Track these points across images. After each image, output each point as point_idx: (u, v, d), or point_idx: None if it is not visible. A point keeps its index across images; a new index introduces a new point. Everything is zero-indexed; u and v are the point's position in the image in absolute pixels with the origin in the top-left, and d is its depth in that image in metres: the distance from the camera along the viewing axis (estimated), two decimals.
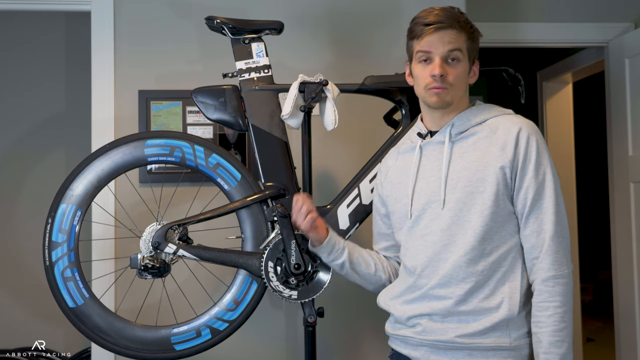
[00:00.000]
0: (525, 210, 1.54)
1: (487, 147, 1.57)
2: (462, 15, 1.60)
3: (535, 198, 1.53)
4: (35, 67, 3.60)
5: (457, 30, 1.57)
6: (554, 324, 1.49)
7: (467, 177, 1.56)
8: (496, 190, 1.53)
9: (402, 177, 1.68)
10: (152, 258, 1.90)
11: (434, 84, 1.57)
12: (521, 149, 1.54)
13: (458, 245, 1.54)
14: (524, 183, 1.54)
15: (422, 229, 1.61)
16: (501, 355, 1.53)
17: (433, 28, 1.56)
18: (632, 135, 3.16)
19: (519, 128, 1.56)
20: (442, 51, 1.56)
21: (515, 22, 3.22)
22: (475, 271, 1.53)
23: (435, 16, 1.57)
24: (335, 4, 2.60)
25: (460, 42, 1.57)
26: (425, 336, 1.58)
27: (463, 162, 1.58)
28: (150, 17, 2.54)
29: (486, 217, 1.53)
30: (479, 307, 1.53)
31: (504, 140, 1.56)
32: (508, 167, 1.54)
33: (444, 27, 1.56)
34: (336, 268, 1.81)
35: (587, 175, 5.85)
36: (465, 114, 1.63)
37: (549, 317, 1.49)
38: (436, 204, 1.58)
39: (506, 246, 1.55)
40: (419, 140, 1.67)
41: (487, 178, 1.54)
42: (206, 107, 2.00)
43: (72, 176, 1.96)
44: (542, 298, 1.51)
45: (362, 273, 1.79)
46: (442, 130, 1.63)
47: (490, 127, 1.59)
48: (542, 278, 1.51)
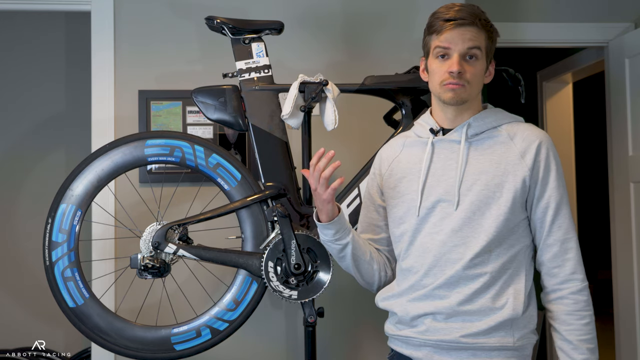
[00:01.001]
0: (547, 219, 1.56)
1: (504, 153, 1.57)
2: (483, 14, 1.59)
3: (558, 208, 1.56)
4: (35, 67, 3.60)
5: (477, 28, 1.55)
6: (590, 332, 1.55)
7: (484, 180, 1.55)
8: (513, 197, 1.54)
9: (407, 172, 1.66)
10: (152, 258, 1.90)
11: (450, 80, 1.55)
12: (542, 160, 1.56)
13: (469, 247, 1.54)
14: (546, 193, 1.56)
15: (431, 227, 1.59)
16: (505, 355, 1.54)
17: (454, 24, 1.54)
18: (632, 135, 3.16)
19: (539, 139, 1.58)
20: (462, 48, 1.54)
21: (515, 22, 3.21)
22: (484, 272, 1.53)
23: (457, 12, 1.55)
24: (335, 4, 2.60)
25: (480, 40, 1.56)
26: (428, 336, 1.57)
27: (479, 165, 1.57)
28: (150, 17, 2.54)
29: (500, 222, 1.53)
30: (484, 307, 1.53)
31: (523, 148, 1.56)
32: (528, 176, 1.55)
33: (465, 24, 1.54)
34: (336, 249, 1.69)
35: (587, 175, 5.85)
36: (481, 116, 1.62)
37: (586, 325, 1.55)
38: (447, 204, 1.57)
39: (514, 249, 1.56)
40: (430, 135, 1.64)
41: (505, 185, 1.54)
42: (206, 107, 2.00)
43: (72, 176, 1.96)
44: (579, 307, 1.55)
45: (360, 259, 1.70)
46: (457, 128, 1.61)
47: (507, 133, 1.59)
48: (579, 288, 1.56)
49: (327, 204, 1.61)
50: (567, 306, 1.55)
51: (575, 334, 1.54)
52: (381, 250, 1.78)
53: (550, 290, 1.58)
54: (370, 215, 1.78)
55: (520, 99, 2.01)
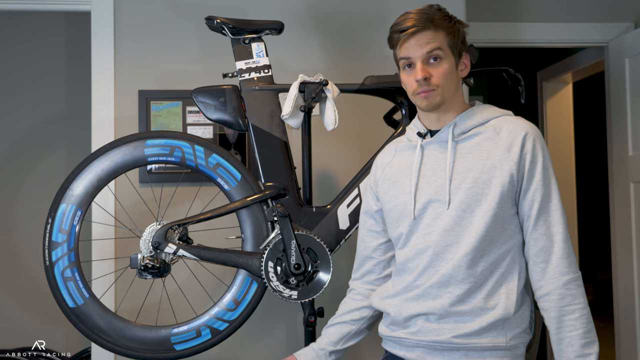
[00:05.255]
0: (533, 213, 1.54)
1: (491, 148, 1.56)
2: (439, 12, 1.59)
3: (544, 201, 1.54)
4: (35, 67, 3.60)
5: (432, 30, 1.56)
6: (583, 325, 1.50)
7: (471, 178, 1.55)
8: (501, 192, 1.53)
9: (400, 176, 1.67)
10: (152, 258, 1.90)
11: (419, 89, 1.57)
12: (528, 152, 1.54)
13: (460, 245, 1.54)
14: (532, 186, 1.54)
15: (424, 228, 1.59)
16: (497, 355, 1.53)
17: (408, 33, 1.56)
18: (632, 135, 3.16)
19: (524, 131, 1.56)
20: (421, 54, 1.55)
21: (515, 22, 3.22)
22: (475, 272, 1.53)
23: (410, 20, 1.57)
24: (335, 3, 2.60)
25: (438, 40, 1.56)
26: (421, 337, 1.57)
27: (466, 163, 1.57)
28: (150, 17, 2.54)
29: (489, 218, 1.53)
30: (476, 307, 1.53)
31: (509, 142, 1.55)
32: (515, 169, 1.54)
33: (419, 30, 1.55)
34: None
35: (587, 175, 5.86)
36: (466, 114, 1.62)
37: (576, 319, 1.50)
38: (438, 204, 1.58)
39: (505, 247, 1.55)
40: (419, 139, 1.65)
41: (493, 180, 1.54)
42: (206, 107, 2.00)
43: (72, 176, 1.96)
44: (566, 302, 1.51)
45: (354, 340, 1.78)
46: (443, 129, 1.62)
47: (493, 128, 1.59)
48: (562, 282, 1.51)
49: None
50: (554, 302, 1.52)
51: (566, 330, 1.51)
52: (373, 271, 1.77)
53: (537, 287, 1.55)
54: (368, 223, 1.77)
55: (520, 99, 2.01)
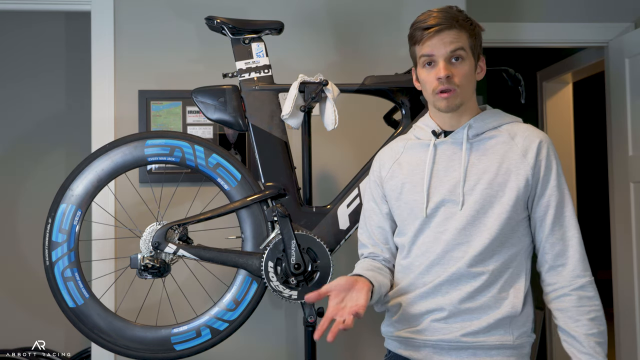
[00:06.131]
0: (548, 218, 1.57)
1: (506, 152, 1.58)
2: (461, 14, 1.60)
3: (559, 206, 1.57)
4: (35, 67, 3.60)
5: (457, 29, 1.56)
6: (597, 326, 1.53)
7: (486, 179, 1.56)
8: (516, 195, 1.55)
9: (410, 174, 1.66)
10: (152, 258, 1.90)
11: (441, 87, 1.56)
12: (543, 158, 1.57)
13: (472, 245, 1.55)
14: (547, 191, 1.57)
15: (435, 227, 1.60)
16: (504, 354, 1.54)
17: (433, 31, 1.56)
18: (632, 135, 3.16)
19: (539, 138, 1.60)
20: (445, 52, 1.55)
21: (515, 22, 3.21)
22: (486, 271, 1.54)
23: (434, 19, 1.57)
24: (335, 3, 2.60)
25: (462, 40, 1.57)
26: (428, 336, 1.57)
27: (481, 165, 1.58)
28: (150, 17, 2.54)
29: (503, 220, 1.55)
30: (484, 305, 1.54)
31: (524, 147, 1.58)
32: (530, 174, 1.56)
33: (444, 29, 1.56)
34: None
35: (587, 175, 5.85)
36: (481, 117, 1.63)
37: (591, 320, 1.53)
38: (451, 204, 1.58)
39: (516, 248, 1.57)
40: (432, 138, 1.65)
41: (508, 183, 1.56)
42: (206, 107, 2.00)
43: (72, 176, 1.96)
44: (582, 303, 1.54)
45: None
46: (458, 130, 1.62)
47: (508, 133, 1.61)
48: (580, 284, 1.54)
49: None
50: (571, 303, 1.54)
51: (583, 329, 1.52)
52: (389, 259, 1.73)
53: (552, 290, 1.57)
54: (376, 218, 1.73)
55: (520, 99, 2.01)
